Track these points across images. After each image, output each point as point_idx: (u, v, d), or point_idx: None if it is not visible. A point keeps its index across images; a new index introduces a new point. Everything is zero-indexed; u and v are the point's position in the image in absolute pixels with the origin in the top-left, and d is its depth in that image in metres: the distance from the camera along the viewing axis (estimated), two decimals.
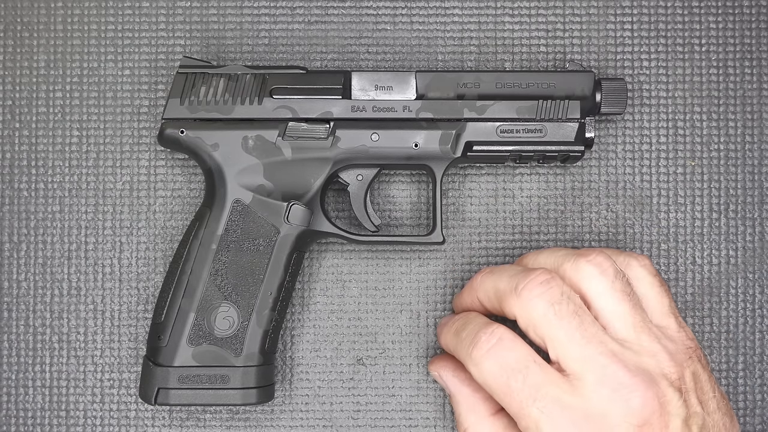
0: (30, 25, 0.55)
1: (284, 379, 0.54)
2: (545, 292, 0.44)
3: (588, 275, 0.45)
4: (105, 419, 0.54)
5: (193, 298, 0.49)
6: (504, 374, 0.43)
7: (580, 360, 0.43)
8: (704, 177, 0.55)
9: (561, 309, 0.43)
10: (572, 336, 0.43)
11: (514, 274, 0.46)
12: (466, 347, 0.45)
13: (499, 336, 0.44)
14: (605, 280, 0.45)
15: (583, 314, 0.44)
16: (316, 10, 0.55)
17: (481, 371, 0.44)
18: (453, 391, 0.49)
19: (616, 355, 0.43)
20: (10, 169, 0.55)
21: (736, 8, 0.55)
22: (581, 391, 0.42)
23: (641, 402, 0.42)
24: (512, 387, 0.43)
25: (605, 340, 0.43)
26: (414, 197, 0.55)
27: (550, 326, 0.43)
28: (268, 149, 0.50)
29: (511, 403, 0.43)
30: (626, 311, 0.44)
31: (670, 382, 0.43)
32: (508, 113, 0.50)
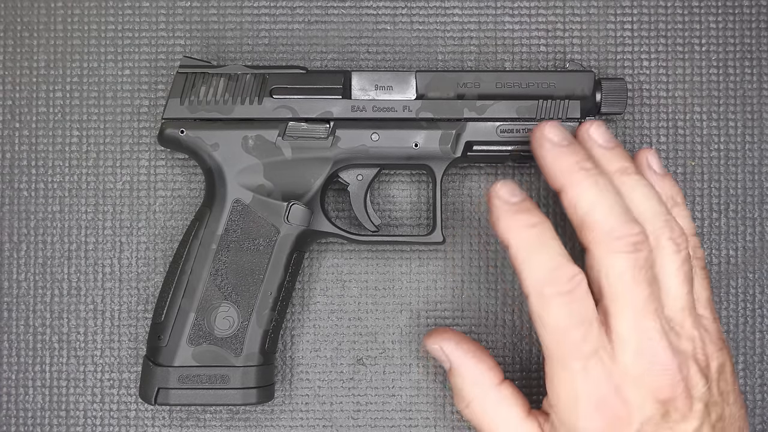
0: (30, 25, 0.55)
1: (284, 379, 0.54)
2: (633, 252, 0.43)
3: (666, 249, 0.45)
4: (105, 419, 0.54)
5: (193, 298, 0.49)
6: (568, 323, 0.43)
7: (633, 328, 0.43)
8: (704, 177, 0.55)
9: (639, 275, 0.43)
10: (636, 303, 0.43)
11: (613, 209, 0.44)
12: (539, 276, 0.43)
13: (577, 282, 0.43)
14: (677, 260, 0.45)
15: (654, 286, 0.44)
16: (316, 10, 0.55)
17: (545, 308, 0.43)
18: (456, 363, 0.48)
19: (664, 332, 0.43)
20: (10, 169, 0.55)
21: (736, 8, 0.55)
22: (620, 356, 0.43)
23: (671, 382, 0.43)
24: (569, 336, 0.43)
25: (661, 315, 0.44)
26: (414, 197, 0.55)
27: (624, 286, 0.43)
28: (268, 149, 0.50)
29: (560, 350, 0.43)
30: (683, 294, 0.45)
31: (700, 368, 0.44)
32: (508, 113, 0.50)
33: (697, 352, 0.44)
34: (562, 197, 0.45)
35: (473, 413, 0.47)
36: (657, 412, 0.43)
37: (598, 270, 0.44)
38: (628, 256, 0.43)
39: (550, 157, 0.46)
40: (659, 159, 0.49)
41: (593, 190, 0.44)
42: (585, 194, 0.44)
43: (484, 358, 0.48)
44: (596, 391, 0.43)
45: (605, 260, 0.43)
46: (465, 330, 0.54)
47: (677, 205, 0.48)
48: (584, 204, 0.44)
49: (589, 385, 0.43)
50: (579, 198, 0.44)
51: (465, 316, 0.54)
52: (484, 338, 0.54)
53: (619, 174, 0.46)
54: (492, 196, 0.46)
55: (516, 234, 0.44)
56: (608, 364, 0.43)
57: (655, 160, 0.49)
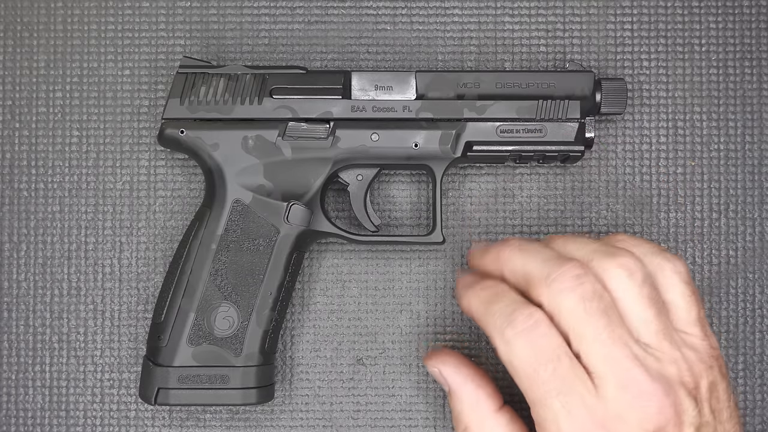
0: (30, 25, 0.55)
1: (284, 379, 0.54)
2: (577, 287, 0.43)
3: (616, 277, 0.44)
4: (105, 419, 0.54)
5: (193, 298, 0.49)
6: (535, 360, 0.42)
7: (604, 360, 0.42)
8: (704, 177, 0.55)
9: (591, 306, 0.42)
10: (599, 335, 0.42)
11: (546, 259, 0.44)
12: (498, 323, 0.43)
13: (537, 319, 0.43)
14: (633, 284, 0.44)
15: (612, 314, 0.43)
16: (316, 10, 0.55)
17: (511, 351, 0.43)
18: (455, 388, 0.48)
19: (639, 359, 0.42)
20: (10, 169, 0.55)
21: (736, 8, 0.55)
22: (603, 392, 0.42)
23: (658, 409, 0.41)
24: (540, 375, 0.42)
25: (630, 342, 0.42)
26: (414, 197, 0.55)
27: (578, 321, 0.42)
28: (268, 149, 0.50)
29: (534, 391, 0.43)
30: (651, 317, 0.43)
31: (688, 391, 0.42)
32: (508, 113, 0.50)
33: (683, 375, 0.43)
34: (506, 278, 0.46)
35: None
36: None
37: (554, 317, 0.43)
38: (574, 291, 0.42)
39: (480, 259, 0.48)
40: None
41: (521, 253, 0.45)
42: (515, 260, 0.45)
43: (484, 384, 0.47)
44: (580, 429, 0.42)
45: (555, 304, 0.43)
46: (465, 330, 0.54)
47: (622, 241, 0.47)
48: (519, 267, 0.45)
49: (572, 424, 0.42)
50: (513, 266, 0.45)
51: (464, 317, 0.54)
52: (483, 338, 0.54)
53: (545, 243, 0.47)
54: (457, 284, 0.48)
55: (473, 300, 0.46)
56: (590, 401, 0.42)
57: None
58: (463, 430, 0.47)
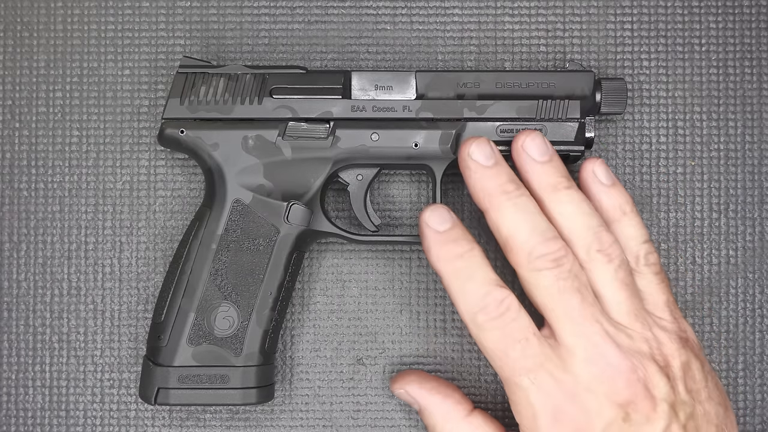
0: (30, 25, 0.55)
1: (284, 379, 0.54)
2: (555, 267, 0.45)
3: (595, 261, 0.46)
4: (105, 419, 0.54)
5: (193, 298, 0.49)
6: (504, 342, 0.44)
7: (574, 335, 0.44)
8: (704, 177, 0.55)
9: (566, 285, 0.44)
10: (571, 312, 0.44)
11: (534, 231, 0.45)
12: (471, 304, 0.45)
13: (508, 306, 0.45)
14: (610, 269, 0.46)
15: (586, 292, 0.45)
16: (316, 10, 0.55)
17: (481, 333, 0.45)
18: (423, 404, 0.49)
19: (610, 335, 0.44)
20: (10, 169, 0.55)
21: (736, 8, 0.55)
22: (571, 366, 0.44)
23: (626, 383, 0.43)
24: (509, 355, 0.44)
25: (601, 320, 0.45)
26: (414, 197, 0.55)
27: (552, 298, 0.45)
28: (268, 149, 0.50)
29: (504, 369, 0.45)
30: (624, 299, 0.46)
31: (659, 368, 0.44)
32: (508, 113, 0.50)
33: (654, 352, 0.45)
34: (487, 218, 0.47)
35: None
36: (617, 416, 0.43)
37: (528, 290, 0.46)
38: (550, 272, 0.45)
39: (474, 179, 0.47)
40: (606, 168, 0.49)
41: (513, 212, 0.46)
42: (506, 217, 0.46)
43: (450, 393, 0.49)
44: (550, 402, 0.44)
45: (531, 279, 0.45)
46: (464, 330, 0.54)
47: (626, 214, 0.48)
48: (505, 227, 0.46)
49: (542, 398, 0.44)
50: (500, 221, 0.46)
51: None
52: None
53: (550, 190, 0.47)
54: (422, 224, 0.47)
55: (445, 265, 0.46)
56: (558, 375, 0.44)
57: (602, 170, 0.49)
58: None
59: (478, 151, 0.47)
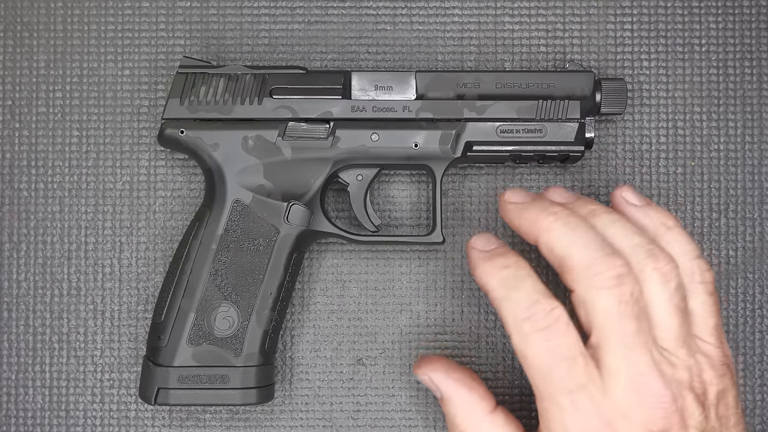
0: (30, 25, 0.55)
1: (284, 379, 0.54)
2: (616, 287, 0.42)
3: (651, 280, 0.44)
4: (105, 419, 0.54)
5: (193, 298, 0.49)
6: (550, 358, 0.42)
7: (621, 360, 0.42)
8: (704, 177, 0.55)
9: (625, 310, 0.42)
10: (624, 338, 0.42)
11: (590, 246, 0.43)
12: (517, 313, 0.43)
13: (557, 317, 0.43)
14: (666, 291, 0.44)
15: (642, 320, 0.43)
16: (316, 10, 0.55)
17: (526, 344, 0.43)
18: (447, 394, 0.47)
19: (656, 364, 0.42)
20: (10, 169, 0.55)
21: (736, 8, 0.55)
22: (612, 391, 0.42)
23: (665, 413, 0.42)
24: (553, 373, 0.42)
25: (652, 348, 0.43)
26: (414, 197, 0.55)
27: (608, 321, 0.42)
28: (268, 149, 0.50)
29: (545, 386, 0.43)
30: (675, 325, 0.44)
31: (696, 396, 0.43)
32: (508, 113, 0.50)
33: (694, 381, 0.43)
34: (540, 247, 0.45)
35: None
36: None
37: (584, 308, 0.43)
38: (612, 291, 0.42)
39: (517, 214, 0.46)
40: (635, 191, 0.48)
41: (565, 230, 0.44)
42: (558, 237, 0.44)
43: (476, 387, 0.47)
44: (586, 426, 0.42)
45: (589, 298, 0.43)
46: (464, 330, 0.54)
47: (670, 229, 0.46)
48: (559, 246, 0.44)
49: (578, 421, 0.42)
50: (553, 242, 0.44)
51: (464, 317, 0.54)
52: (483, 338, 0.54)
53: (590, 216, 0.45)
54: (469, 248, 0.47)
55: (492, 277, 0.45)
56: (598, 399, 0.42)
57: (631, 194, 0.48)
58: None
59: (514, 194, 0.47)
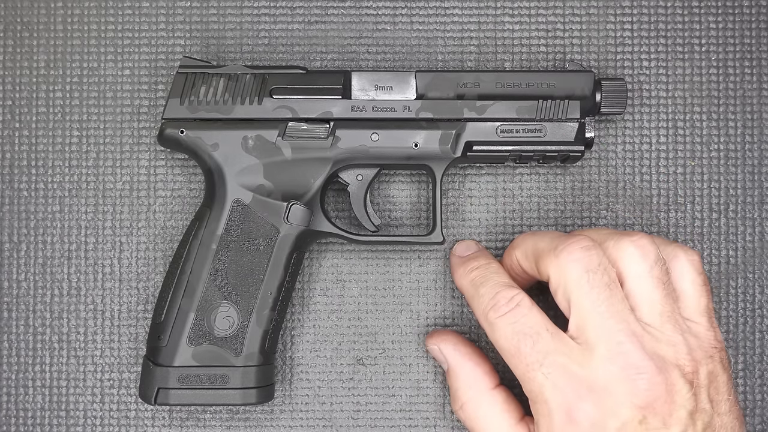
0: (30, 25, 0.55)
1: (284, 379, 0.54)
2: (583, 257, 0.44)
3: (628, 255, 0.45)
4: (105, 419, 0.54)
5: (193, 298, 0.49)
6: (516, 337, 0.44)
7: (597, 331, 0.43)
8: (704, 177, 0.55)
9: (595, 278, 0.44)
10: (597, 306, 0.43)
11: (556, 236, 0.47)
12: (483, 305, 0.46)
13: (518, 302, 0.45)
14: (644, 263, 0.45)
15: (615, 289, 0.44)
16: (316, 10, 0.55)
17: (494, 331, 0.46)
18: (453, 365, 0.50)
19: (636, 335, 0.43)
20: (10, 169, 0.55)
21: (736, 8, 0.55)
22: (590, 362, 0.43)
23: (647, 385, 0.42)
24: (521, 350, 0.44)
25: (629, 318, 0.43)
26: (414, 197, 0.55)
27: (580, 291, 0.44)
28: (268, 149, 0.50)
29: (518, 365, 0.44)
30: (657, 298, 0.44)
31: (683, 374, 0.43)
32: (508, 113, 0.50)
33: (680, 357, 0.43)
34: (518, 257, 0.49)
35: (466, 415, 0.48)
36: (634, 418, 0.42)
37: (559, 289, 0.45)
38: (580, 262, 0.44)
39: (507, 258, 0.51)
40: None
41: (531, 235, 0.49)
42: (526, 241, 0.48)
43: (481, 362, 0.49)
44: (565, 398, 0.43)
45: (560, 275, 0.45)
46: (464, 330, 0.54)
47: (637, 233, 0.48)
48: (529, 247, 0.48)
49: (557, 395, 0.43)
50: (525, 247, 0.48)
51: (464, 317, 0.54)
52: (483, 338, 0.54)
53: None
54: (451, 256, 0.52)
55: (464, 279, 0.49)
56: (575, 370, 0.43)
57: None
58: (459, 407, 0.49)
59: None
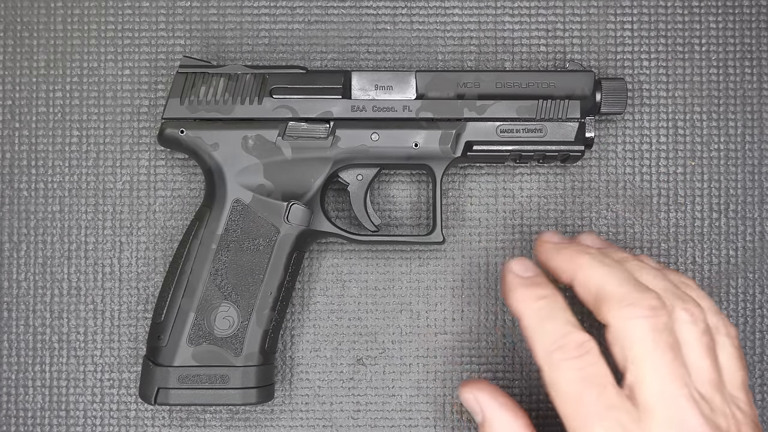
0: (30, 25, 0.55)
1: (284, 379, 0.54)
2: (651, 317, 0.42)
3: (681, 320, 0.44)
4: (105, 419, 0.54)
5: (193, 298, 0.49)
6: (581, 384, 0.42)
7: (658, 394, 0.42)
8: (704, 177, 0.55)
9: (660, 338, 0.42)
10: (660, 368, 0.42)
11: (624, 282, 0.44)
12: (549, 342, 0.43)
13: (588, 349, 0.43)
14: (695, 330, 0.44)
15: (678, 352, 0.42)
16: (316, 10, 0.55)
17: (556, 372, 0.43)
18: (489, 416, 0.46)
19: (696, 402, 0.42)
20: (10, 169, 0.55)
21: (736, 8, 0.55)
22: (648, 424, 0.41)
23: None
24: (584, 399, 0.42)
25: (689, 384, 0.42)
26: (414, 197, 0.55)
27: (643, 350, 0.42)
28: (268, 149, 0.50)
29: (576, 414, 0.42)
30: (708, 366, 0.43)
31: None
32: (508, 113, 0.50)
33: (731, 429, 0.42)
34: (575, 285, 0.46)
35: None
36: None
37: (619, 341, 0.43)
38: (647, 320, 0.42)
39: (554, 252, 0.47)
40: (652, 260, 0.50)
41: (600, 266, 0.45)
42: (593, 272, 0.45)
43: (520, 414, 0.46)
44: None
45: (624, 328, 0.43)
46: (464, 330, 0.54)
47: (689, 287, 0.47)
48: (594, 281, 0.44)
49: None
50: (589, 277, 0.45)
51: (465, 317, 0.54)
52: (484, 338, 0.54)
53: (620, 261, 0.46)
54: (506, 271, 0.47)
55: (527, 305, 0.45)
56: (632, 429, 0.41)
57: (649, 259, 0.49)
58: None
59: (551, 235, 0.49)
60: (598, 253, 0.46)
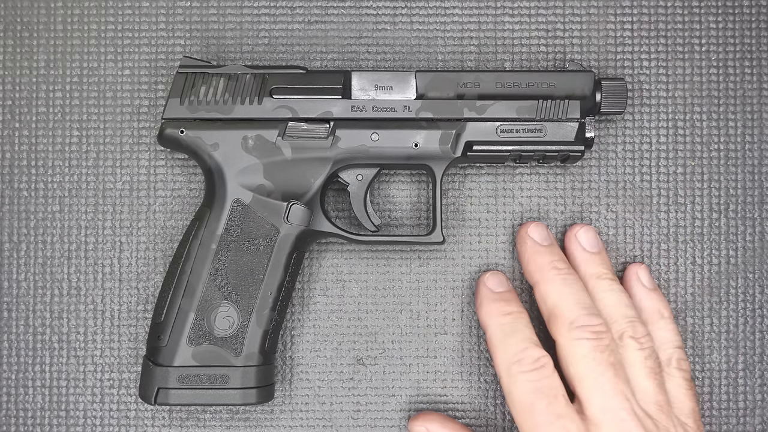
0: (30, 25, 0.55)
1: (284, 379, 0.54)
2: (595, 338, 0.47)
3: (627, 345, 0.48)
4: (105, 419, 0.54)
5: (193, 298, 0.49)
6: (533, 395, 0.46)
7: (602, 409, 0.45)
8: (704, 177, 0.55)
9: (602, 357, 0.46)
10: (602, 384, 0.46)
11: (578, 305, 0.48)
12: (508, 356, 0.47)
13: (543, 364, 0.47)
14: (640, 354, 0.48)
15: (620, 370, 0.46)
16: (316, 10, 0.55)
17: (513, 383, 0.47)
18: None
19: (638, 417, 0.45)
20: (10, 169, 0.55)
21: (736, 8, 0.55)
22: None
23: None
24: (536, 408, 0.45)
25: (632, 400, 0.46)
26: (414, 197, 0.55)
27: (587, 368, 0.46)
28: (268, 149, 0.50)
29: (527, 422, 0.46)
30: (652, 388, 0.47)
31: None
32: (508, 113, 0.50)
33: None
34: (535, 291, 0.50)
35: None
36: None
37: (565, 359, 0.47)
38: (590, 342, 0.47)
39: (529, 254, 0.51)
40: (650, 274, 0.52)
41: (561, 285, 0.49)
42: (554, 289, 0.49)
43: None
44: None
45: (569, 347, 0.47)
46: (464, 330, 0.54)
47: (663, 318, 0.51)
48: (552, 297, 0.49)
49: None
50: (548, 292, 0.49)
51: (465, 317, 0.54)
52: (483, 338, 0.54)
53: (595, 278, 0.50)
54: (480, 283, 0.52)
55: (493, 320, 0.49)
56: None
57: (645, 275, 0.52)
58: None
59: (536, 231, 0.52)
60: (565, 270, 0.50)
